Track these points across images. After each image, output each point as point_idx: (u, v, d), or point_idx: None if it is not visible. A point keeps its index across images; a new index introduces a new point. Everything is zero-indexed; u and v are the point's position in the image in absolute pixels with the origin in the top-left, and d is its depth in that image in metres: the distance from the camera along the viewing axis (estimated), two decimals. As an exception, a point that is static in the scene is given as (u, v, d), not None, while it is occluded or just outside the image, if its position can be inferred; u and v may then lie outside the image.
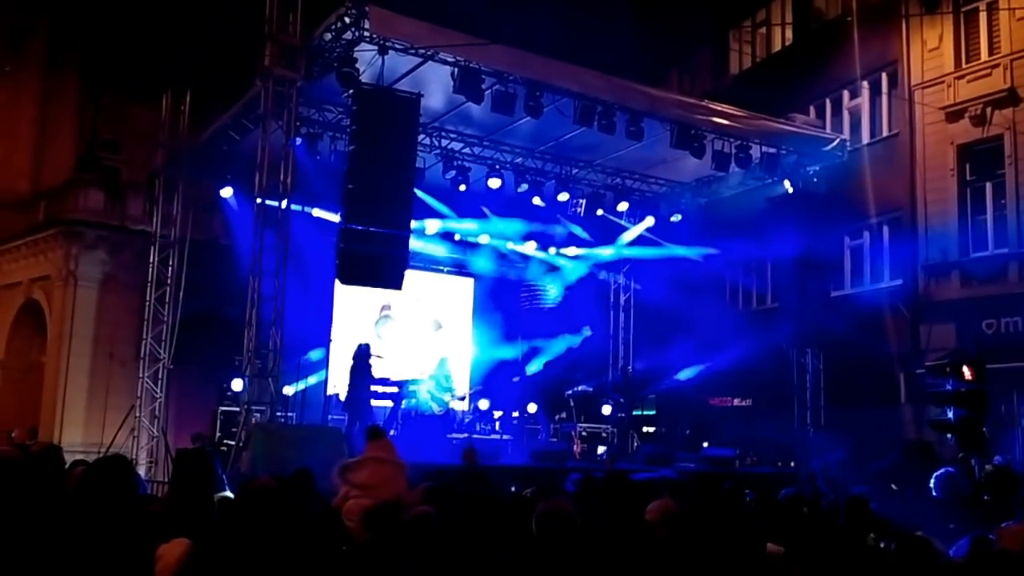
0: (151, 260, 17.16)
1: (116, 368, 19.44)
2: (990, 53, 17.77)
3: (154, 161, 17.76)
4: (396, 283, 12.89)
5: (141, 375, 16.79)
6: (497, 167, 16.54)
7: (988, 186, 17.74)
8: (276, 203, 12.60)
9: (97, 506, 4.40)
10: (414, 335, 19.18)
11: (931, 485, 7.96)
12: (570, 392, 18.37)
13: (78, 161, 23.02)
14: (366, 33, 12.09)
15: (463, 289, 20.59)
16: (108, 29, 22.42)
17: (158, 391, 16.71)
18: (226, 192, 16.01)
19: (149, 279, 17.11)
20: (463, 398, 17.94)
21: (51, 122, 23.86)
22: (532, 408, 17.83)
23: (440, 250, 19.14)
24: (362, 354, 14.32)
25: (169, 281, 16.80)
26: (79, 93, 23.73)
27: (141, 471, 15.52)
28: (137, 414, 16.69)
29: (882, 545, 5.49)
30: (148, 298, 16.99)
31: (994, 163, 17.56)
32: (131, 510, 4.58)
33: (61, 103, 23.73)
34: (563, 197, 17.40)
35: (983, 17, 18.01)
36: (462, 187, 16.34)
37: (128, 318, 19.18)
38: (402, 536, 4.33)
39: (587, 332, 19.96)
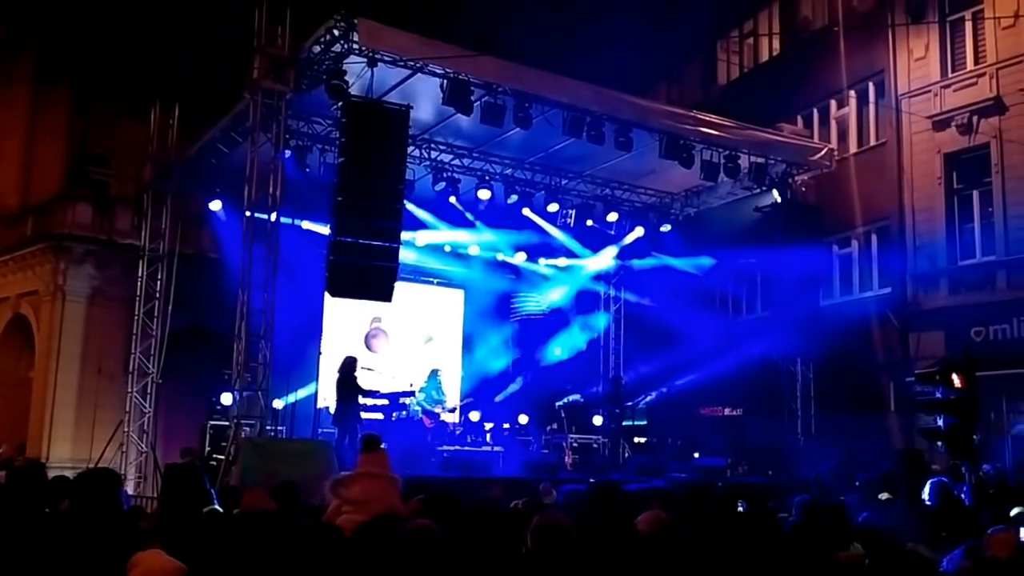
0: (140, 274, 17.09)
1: (104, 383, 19.32)
2: (976, 62, 17.89)
3: (143, 175, 17.71)
4: (386, 295, 12.85)
5: (130, 390, 16.70)
6: (487, 178, 16.55)
7: (975, 194, 17.84)
8: (265, 216, 12.58)
9: (84, 518, 4.37)
10: (405, 347, 19.14)
11: (924, 494, 7.95)
12: (561, 403, 18.35)
13: (67, 175, 22.95)
14: (355, 45, 12.10)
15: (453, 301, 20.56)
16: (97, 43, 22.38)
17: (147, 406, 16.62)
18: (215, 205, 15.97)
19: (138, 293, 17.04)
20: (454, 410, 17.90)
21: (40, 136, 23.79)
22: (523, 419, 17.78)
23: (430, 262, 19.11)
24: (348, 368, 14.27)
25: (158, 295, 16.73)
26: (68, 107, 23.66)
27: (130, 486, 15.44)
28: (126, 429, 16.58)
29: (867, 559, 5.47)
30: (137, 312, 16.92)
31: (981, 171, 17.65)
32: (116, 522, 4.55)
33: (50, 117, 23.65)
34: (553, 208, 17.42)
35: (969, 26, 18.13)
36: (452, 198, 16.35)
37: (116, 332, 19.07)
38: (399, 550, 4.29)
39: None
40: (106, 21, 22.27)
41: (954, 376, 10.65)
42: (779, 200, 16.83)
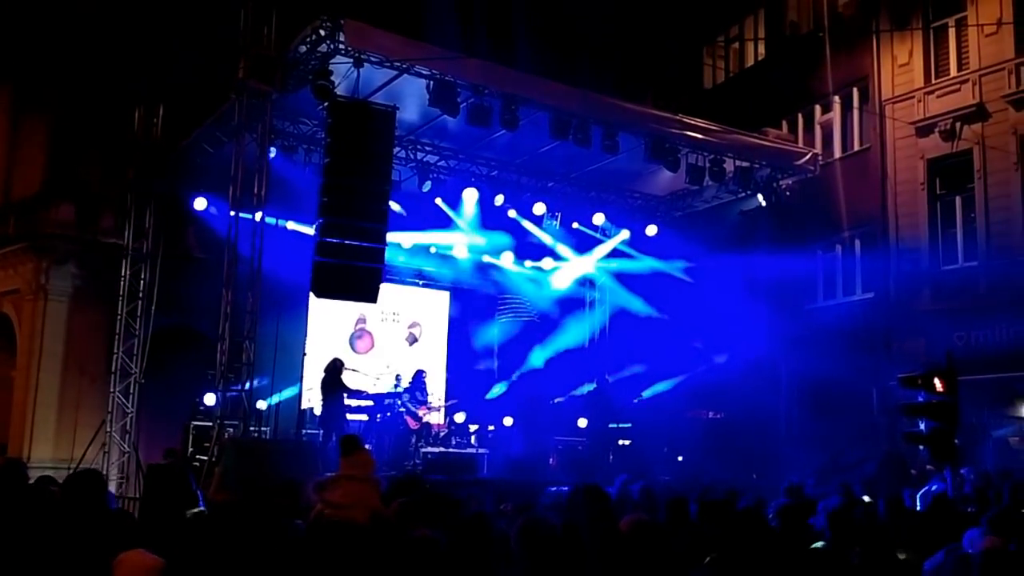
0: (123, 274, 16.94)
1: (87, 383, 19.16)
2: (959, 69, 18.04)
3: (127, 174, 17.59)
4: (371, 296, 12.83)
5: (112, 390, 16.57)
6: (473, 180, 16.56)
7: (958, 200, 17.98)
8: (250, 216, 12.53)
9: (72, 517, 4.34)
10: (389, 348, 19.10)
11: (917, 497, 7.99)
12: (546, 405, 18.31)
13: (49, 174, 22.76)
14: (341, 46, 12.07)
15: (439, 302, 20.53)
16: (81, 40, 22.24)
17: (129, 406, 16.50)
18: (200, 205, 15.87)
19: (121, 293, 16.88)
20: (438, 411, 17.87)
21: (22, 134, 23.60)
22: (508, 421, 17.77)
23: (416, 263, 19.08)
24: (335, 369, 14.23)
25: (141, 295, 16.62)
26: (51, 104, 23.48)
27: (112, 487, 15.32)
28: (108, 429, 16.45)
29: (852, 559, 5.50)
30: (119, 312, 16.78)
31: (964, 177, 17.80)
32: (103, 523, 4.53)
33: (32, 114, 23.49)
34: (539, 209, 17.42)
35: (952, 33, 18.27)
36: (438, 200, 16.34)
37: (99, 332, 18.90)
38: (404, 560, 4.26)
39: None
40: (90, 18, 22.13)
41: (936, 380, 10.70)
42: (764, 204, 16.90)
